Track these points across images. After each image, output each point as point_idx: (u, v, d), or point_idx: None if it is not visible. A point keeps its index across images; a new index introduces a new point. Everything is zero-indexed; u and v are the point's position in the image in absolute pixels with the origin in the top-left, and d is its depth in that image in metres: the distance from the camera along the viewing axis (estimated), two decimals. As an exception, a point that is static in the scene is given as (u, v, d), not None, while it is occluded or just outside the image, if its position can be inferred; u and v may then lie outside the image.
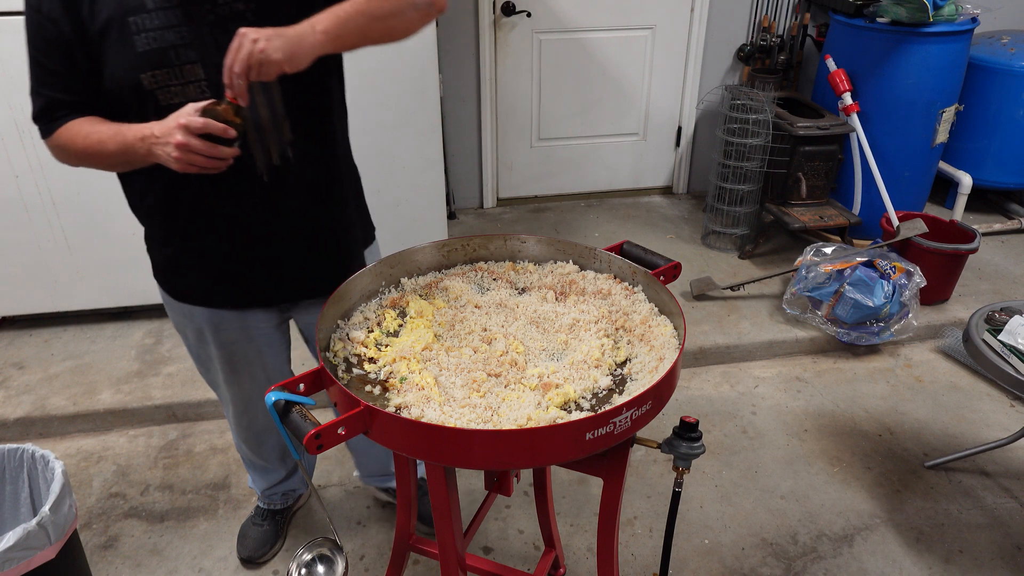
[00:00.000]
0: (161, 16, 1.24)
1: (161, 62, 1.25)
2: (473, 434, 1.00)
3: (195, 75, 1.27)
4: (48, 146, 1.36)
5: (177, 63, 1.26)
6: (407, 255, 1.41)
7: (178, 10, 1.24)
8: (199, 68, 1.27)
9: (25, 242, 2.64)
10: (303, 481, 2.07)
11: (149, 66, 1.25)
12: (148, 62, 1.25)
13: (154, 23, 1.24)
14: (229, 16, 1.26)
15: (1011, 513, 2.17)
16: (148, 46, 1.24)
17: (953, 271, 2.99)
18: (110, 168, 1.38)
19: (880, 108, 3.19)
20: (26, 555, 1.43)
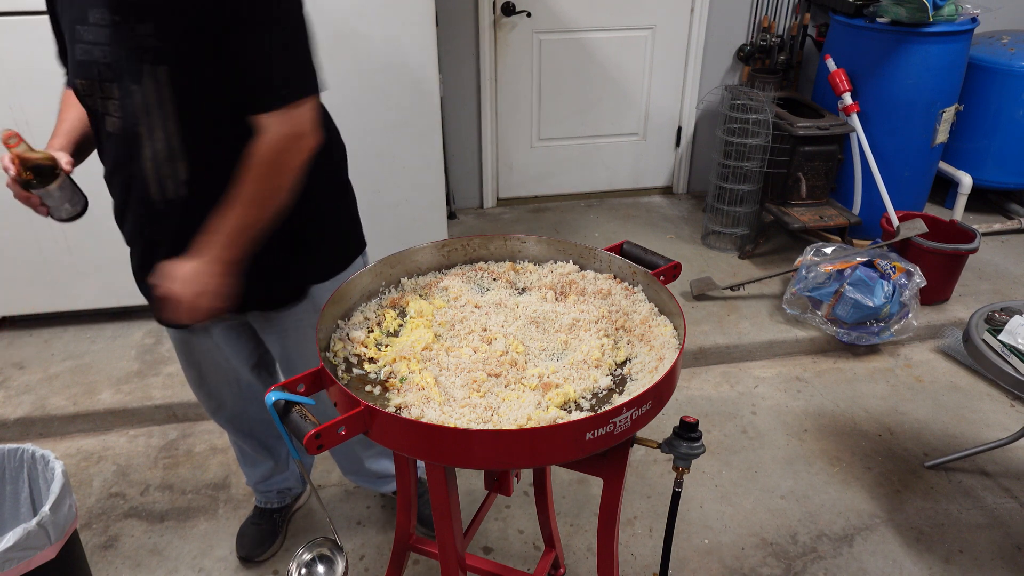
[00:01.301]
0: (94, 32, 1.27)
1: (88, 74, 1.31)
2: (473, 434, 1.00)
3: (112, 93, 1.30)
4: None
5: (99, 79, 1.30)
6: (407, 255, 1.41)
7: (108, 30, 1.26)
8: (115, 88, 1.29)
9: (25, 242, 2.64)
10: (299, 480, 2.07)
11: (81, 74, 1.32)
12: (80, 71, 1.32)
13: (88, 37, 1.28)
14: (142, 48, 1.24)
15: (1011, 513, 2.17)
16: (82, 56, 1.30)
17: (953, 271, 2.99)
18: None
19: (880, 108, 3.19)
20: (26, 555, 1.43)
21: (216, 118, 1.31)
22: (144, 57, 1.24)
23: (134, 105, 1.28)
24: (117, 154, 1.37)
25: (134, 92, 1.27)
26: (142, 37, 1.23)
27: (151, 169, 1.33)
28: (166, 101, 1.26)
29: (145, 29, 1.23)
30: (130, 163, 1.34)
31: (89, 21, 1.27)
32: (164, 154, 1.31)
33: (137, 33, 1.23)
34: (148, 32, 1.23)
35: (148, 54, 1.24)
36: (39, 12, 2.31)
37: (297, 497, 2.13)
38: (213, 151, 1.33)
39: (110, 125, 1.33)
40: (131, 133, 1.31)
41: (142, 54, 1.24)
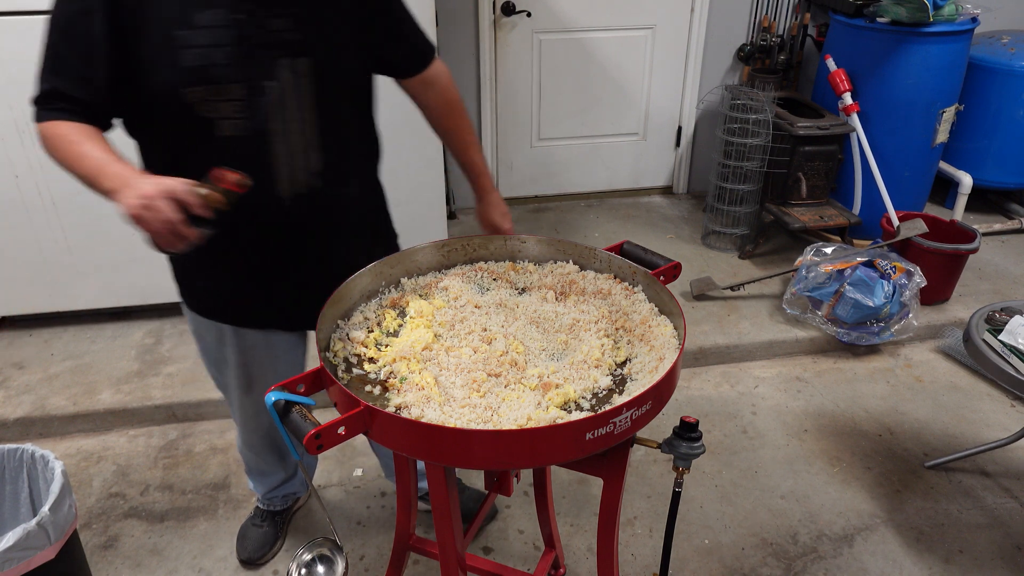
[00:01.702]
0: (210, 34, 1.23)
1: (205, 79, 1.25)
2: (473, 434, 1.00)
3: (235, 94, 1.27)
4: (38, 130, 1.30)
5: (220, 81, 1.25)
6: (407, 255, 1.41)
7: (227, 31, 1.24)
8: (240, 88, 1.27)
9: (25, 242, 2.64)
10: (303, 483, 2.07)
11: (193, 82, 1.24)
12: (193, 78, 1.24)
13: (202, 40, 1.23)
14: (277, 43, 1.27)
15: (1011, 513, 2.17)
16: (194, 62, 1.23)
17: (953, 271, 2.99)
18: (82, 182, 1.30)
19: (880, 108, 3.19)
20: (26, 555, 1.43)
21: (346, 103, 1.39)
22: (280, 51, 1.26)
23: (266, 102, 1.28)
24: (236, 157, 1.28)
25: (268, 89, 1.27)
26: (278, 32, 1.26)
27: (283, 165, 1.33)
28: (305, 93, 1.30)
29: (280, 24, 1.26)
30: (253, 164, 1.31)
31: (197, 24, 1.23)
32: (300, 147, 1.33)
33: (270, 28, 1.25)
34: (285, 26, 1.26)
35: (285, 48, 1.27)
36: (39, 12, 2.32)
37: (298, 499, 2.13)
38: (342, 137, 1.40)
39: (227, 129, 1.28)
40: (259, 131, 1.30)
41: (277, 48, 1.26)
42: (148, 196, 1.10)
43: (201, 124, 1.27)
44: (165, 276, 2.76)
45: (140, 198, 1.10)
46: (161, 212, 1.10)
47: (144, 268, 2.76)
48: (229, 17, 1.23)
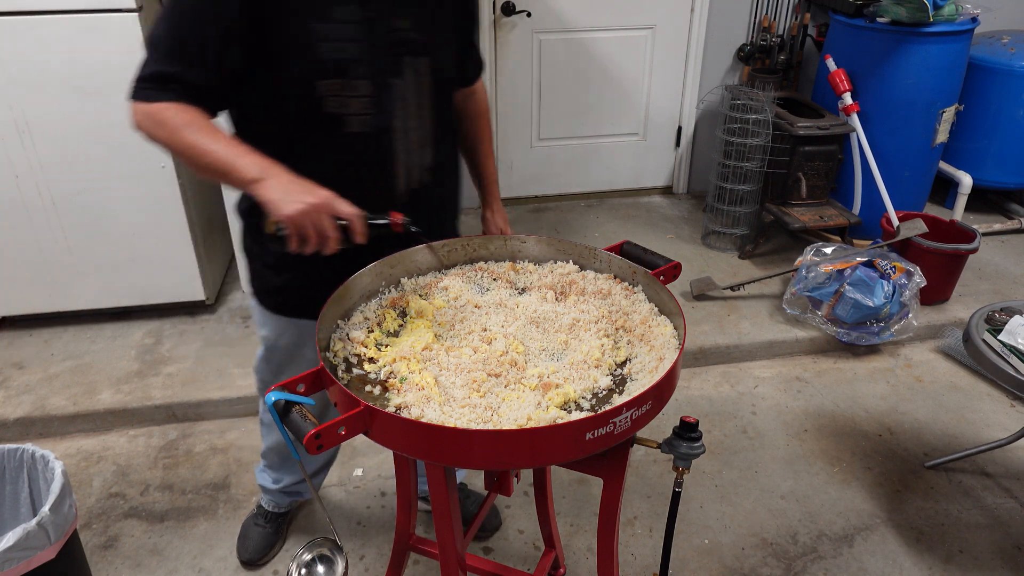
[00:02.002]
0: (345, 29, 1.25)
1: (339, 72, 1.26)
2: (473, 434, 1.00)
3: (363, 90, 1.29)
4: (139, 109, 1.24)
5: (352, 76, 1.27)
6: (407, 255, 1.41)
7: (362, 26, 1.26)
8: (368, 84, 1.29)
9: (25, 242, 2.64)
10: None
11: (328, 74, 1.26)
12: (328, 70, 1.26)
13: (338, 34, 1.25)
14: (401, 41, 1.31)
15: (1011, 513, 2.17)
16: (330, 55, 1.25)
17: (953, 271, 2.99)
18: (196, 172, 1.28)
19: (880, 108, 3.19)
20: (26, 555, 1.43)
21: (450, 102, 1.45)
22: (404, 50, 1.30)
23: (391, 99, 1.31)
24: (357, 153, 1.33)
25: (393, 86, 1.31)
26: (403, 31, 1.30)
27: (402, 162, 1.36)
28: (424, 91, 1.35)
29: (404, 24, 1.30)
30: (373, 160, 1.33)
31: (334, 18, 1.24)
32: (416, 143, 1.37)
33: (396, 27, 1.29)
34: (408, 26, 1.31)
35: (408, 47, 1.31)
36: (39, 12, 2.33)
37: (301, 501, 2.13)
38: (448, 133, 1.47)
39: (355, 125, 1.30)
40: (382, 128, 1.33)
41: (401, 47, 1.30)
42: (316, 207, 1.12)
43: (328, 120, 1.29)
44: (165, 276, 2.79)
45: (308, 205, 1.12)
46: (323, 227, 1.13)
47: (144, 268, 2.76)
48: (360, 14, 1.26)
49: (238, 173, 1.17)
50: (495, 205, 1.65)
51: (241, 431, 2.48)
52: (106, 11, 2.36)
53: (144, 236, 2.70)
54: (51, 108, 2.45)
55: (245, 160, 1.18)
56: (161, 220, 2.68)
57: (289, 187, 1.15)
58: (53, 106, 2.45)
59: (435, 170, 1.43)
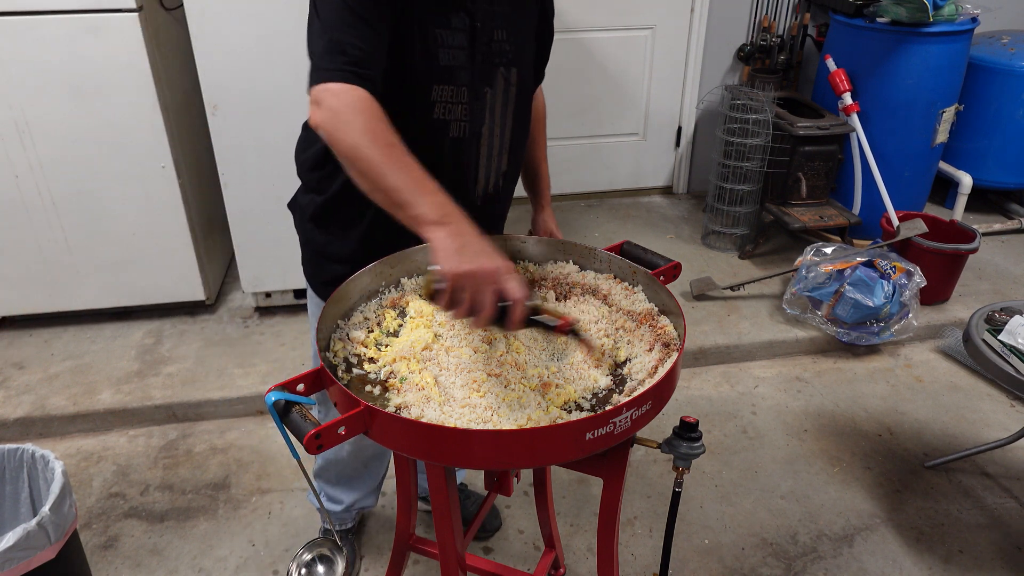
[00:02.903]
0: (457, 37, 1.28)
1: (450, 78, 1.30)
2: (473, 434, 1.00)
3: (463, 97, 1.32)
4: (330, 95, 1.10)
5: (457, 83, 1.31)
6: (407, 255, 1.41)
7: (466, 35, 1.30)
8: (467, 92, 1.32)
9: (25, 242, 2.64)
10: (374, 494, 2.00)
11: (442, 79, 1.29)
12: (443, 76, 1.29)
13: (452, 41, 1.28)
14: (498, 52, 1.35)
15: (1011, 513, 2.17)
16: (447, 61, 1.28)
17: (953, 271, 2.99)
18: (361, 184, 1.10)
19: (880, 108, 3.19)
20: (26, 555, 1.43)
21: (529, 111, 1.49)
22: (499, 60, 1.35)
23: (483, 107, 1.35)
24: (452, 159, 1.35)
25: (486, 95, 1.35)
26: (499, 43, 1.34)
27: (484, 167, 1.40)
28: (510, 101, 1.39)
29: (501, 35, 1.34)
30: (462, 166, 1.37)
31: (452, 26, 1.27)
32: (497, 150, 1.40)
33: (493, 38, 1.33)
34: (504, 38, 1.35)
35: (503, 57, 1.35)
36: (39, 12, 2.33)
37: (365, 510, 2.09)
38: (521, 142, 1.50)
39: (454, 130, 1.33)
40: (474, 134, 1.36)
41: (497, 57, 1.34)
42: (486, 276, 0.99)
43: (436, 124, 1.31)
44: (165, 276, 2.79)
45: (479, 270, 0.99)
46: (482, 299, 0.99)
47: (144, 268, 2.76)
48: (468, 22, 1.29)
49: (414, 210, 1.04)
50: (548, 209, 1.65)
51: (241, 431, 2.48)
52: (106, 11, 2.36)
53: (144, 236, 2.70)
54: (51, 108, 2.45)
55: (428, 199, 1.04)
56: (161, 220, 2.68)
57: (467, 242, 1.02)
58: (53, 106, 2.45)
59: (507, 176, 1.47)
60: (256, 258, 2.76)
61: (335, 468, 1.87)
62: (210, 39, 2.38)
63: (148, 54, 2.43)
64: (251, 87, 2.45)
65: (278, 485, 2.26)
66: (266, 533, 2.10)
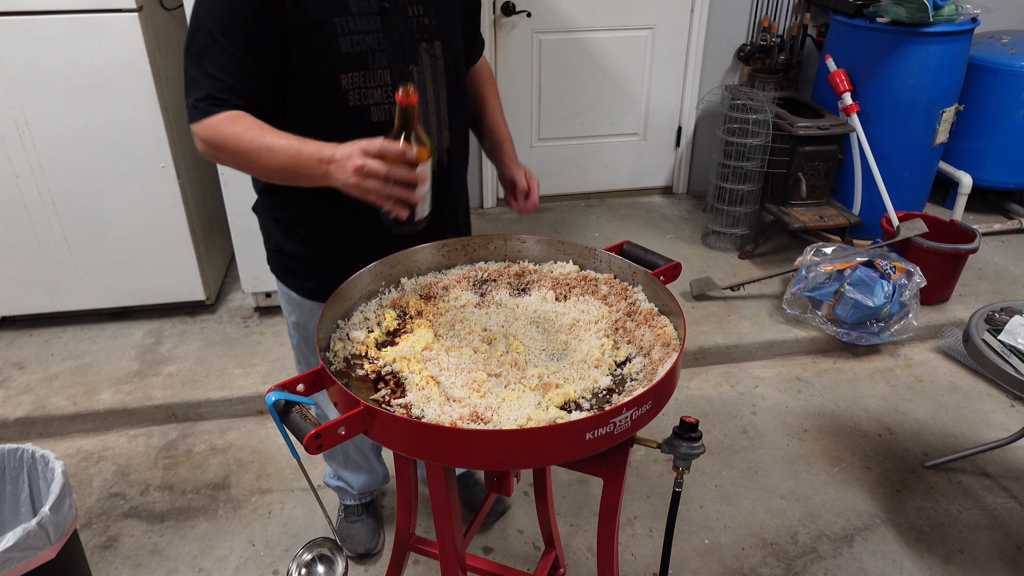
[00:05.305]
0: (362, 21, 1.29)
1: (360, 64, 1.30)
2: (473, 434, 1.00)
3: (383, 80, 1.33)
4: (198, 131, 1.28)
5: (372, 67, 1.31)
6: (407, 255, 1.41)
7: (376, 17, 1.31)
8: (387, 73, 1.33)
9: (25, 242, 2.64)
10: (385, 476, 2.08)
11: (349, 67, 1.30)
12: (349, 63, 1.29)
13: (357, 27, 1.29)
14: (416, 28, 1.35)
15: (1011, 513, 2.17)
16: (351, 48, 1.29)
17: (953, 271, 2.99)
18: (263, 176, 1.32)
19: (880, 108, 3.19)
20: (26, 555, 1.43)
21: (463, 83, 1.48)
22: (419, 36, 1.35)
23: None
24: None
25: (412, 72, 1.35)
26: (416, 18, 1.35)
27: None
28: (440, 75, 1.39)
29: (416, 10, 1.35)
30: None
31: (352, 11, 1.28)
32: (435, 127, 1.40)
33: (408, 15, 1.34)
34: (420, 12, 1.35)
35: (423, 32, 1.36)
36: (39, 12, 2.33)
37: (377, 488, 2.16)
38: (461, 115, 1.49)
39: (377, 115, 1.34)
40: None
41: (416, 34, 1.35)
42: (357, 168, 1.12)
43: (353, 112, 1.32)
44: (165, 276, 2.79)
45: (353, 171, 1.12)
46: (370, 169, 1.12)
47: (144, 268, 2.76)
48: (376, 4, 1.30)
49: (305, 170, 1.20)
50: (513, 159, 1.59)
51: (241, 431, 2.48)
52: (106, 11, 2.36)
53: (144, 236, 2.70)
54: (51, 108, 2.45)
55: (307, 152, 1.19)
56: (161, 220, 2.68)
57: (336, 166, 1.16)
58: (53, 106, 2.45)
59: (452, 152, 1.47)
60: (256, 258, 2.76)
61: (341, 452, 1.94)
62: (210, 39, 2.38)
63: (148, 54, 2.44)
64: (251, 87, 2.45)
65: (278, 485, 2.26)
66: (266, 533, 2.10)
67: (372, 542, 2.02)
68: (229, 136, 1.24)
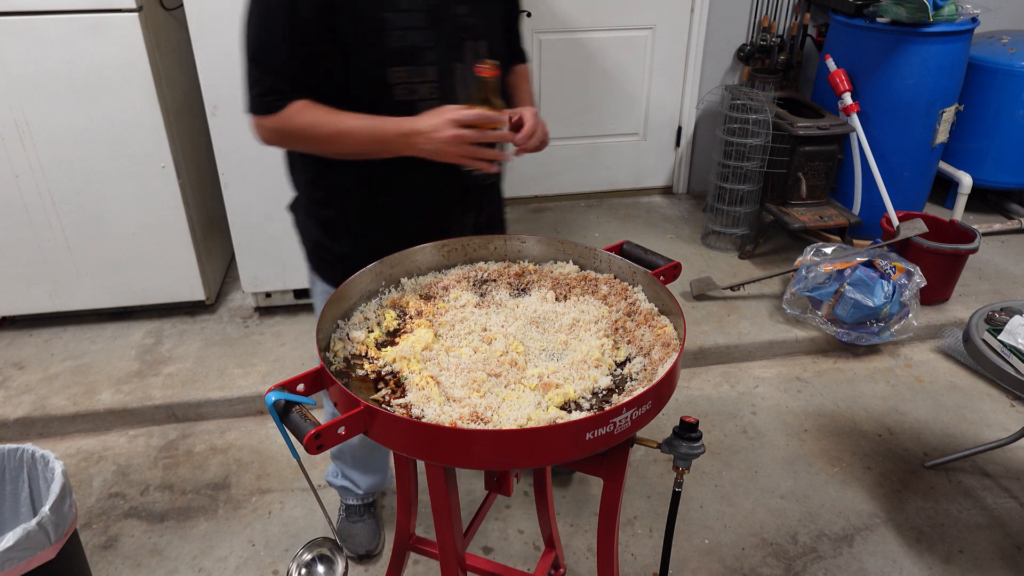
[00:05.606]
0: (410, 17, 1.34)
1: (407, 59, 1.35)
2: (473, 434, 1.00)
3: (429, 76, 1.38)
4: (265, 123, 1.36)
5: (419, 63, 1.36)
6: (407, 255, 1.41)
7: (423, 14, 1.35)
8: (433, 70, 1.38)
9: (25, 242, 2.64)
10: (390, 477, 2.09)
11: (397, 62, 1.35)
12: (397, 58, 1.35)
13: (404, 23, 1.33)
14: (462, 27, 1.40)
15: (1011, 513, 2.17)
16: (399, 43, 1.34)
17: (953, 271, 2.99)
18: (341, 155, 1.40)
19: (880, 108, 3.19)
20: (26, 555, 1.43)
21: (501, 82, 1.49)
22: (464, 34, 1.40)
23: (453, 82, 1.40)
24: None
25: (455, 69, 1.40)
26: (460, 17, 1.39)
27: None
28: None
29: (463, 9, 1.39)
30: None
31: (401, 7, 1.33)
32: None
33: (455, 13, 1.38)
34: (467, 12, 1.40)
35: (468, 31, 1.41)
36: (39, 12, 2.33)
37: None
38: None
39: (423, 109, 1.36)
40: None
41: (462, 32, 1.40)
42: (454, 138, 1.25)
43: (399, 106, 1.36)
44: (165, 276, 2.79)
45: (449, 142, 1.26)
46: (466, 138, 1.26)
47: (144, 268, 2.76)
48: (424, 1, 1.34)
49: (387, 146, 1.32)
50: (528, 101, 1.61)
51: (241, 431, 2.48)
52: (106, 11, 2.36)
53: (144, 236, 2.70)
54: (51, 108, 2.45)
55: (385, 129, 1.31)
56: (161, 220, 2.68)
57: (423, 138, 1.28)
58: (53, 106, 2.45)
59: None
60: (256, 258, 2.76)
61: (350, 451, 1.95)
62: (210, 39, 2.38)
63: (148, 54, 2.44)
64: (251, 87, 2.45)
65: (278, 485, 2.26)
66: (266, 533, 2.10)
67: (373, 543, 2.02)
68: (304, 126, 1.34)
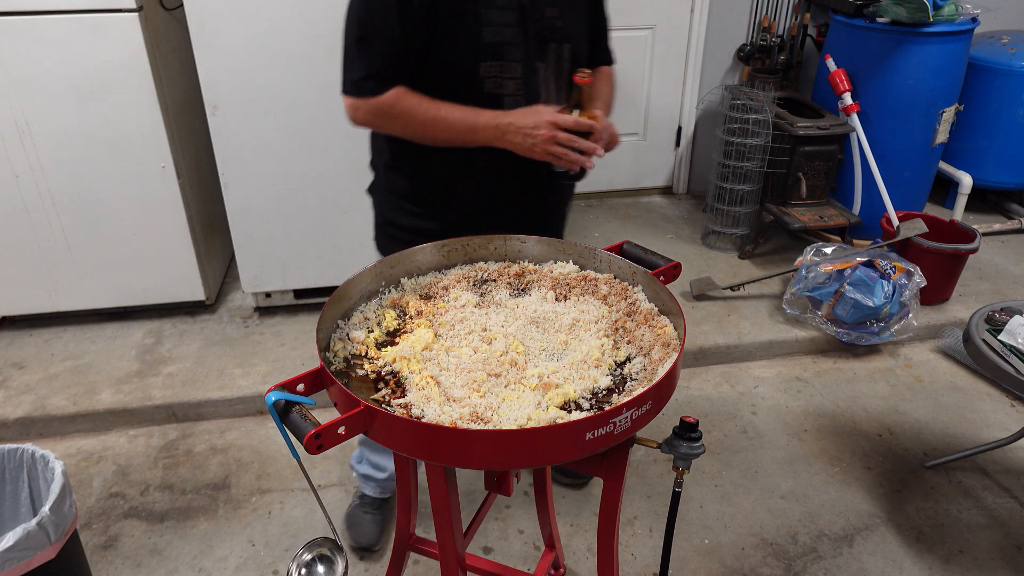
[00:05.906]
0: (503, 14, 1.40)
1: (498, 55, 1.41)
2: (473, 434, 1.00)
3: (515, 72, 1.43)
4: (363, 106, 1.42)
5: (507, 59, 1.42)
6: (407, 255, 1.41)
7: (515, 13, 1.41)
8: (520, 67, 1.43)
9: (25, 242, 2.64)
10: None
11: (489, 56, 1.40)
12: (489, 53, 1.40)
13: (498, 19, 1.40)
14: (550, 28, 1.45)
15: (1011, 513, 2.17)
16: (492, 38, 1.39)
17: (953, 271, 2.99)
18: (431, 141, 1.45)
19: (880, 108, 3.19)
20: (26, 555, 1.43)
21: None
22: (551, 36, 1.45)
23: (536, 81, 1.46)
24: None
25: (539, 69, 1.45)
26: (549, 19, 1.45)
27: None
28: (563, 74, 1.47)
29: (551, 12, 1.45)
30: None
31: (496, 4, 1.39)
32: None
33: (545, 15, 1.44)
34: (554, 15, 1.45)
35: (555, 34, 1.46)
36: (39, 12, 2.33)
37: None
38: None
39: (509, 104, 1.44)
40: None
41: (549, 34, 1.45)
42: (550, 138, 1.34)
43: (487, 99, 1.42)
44: (165, 276, 2.79)
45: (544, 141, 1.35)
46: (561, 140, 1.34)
47: (144, 268, 2.76)
48: (517, 1, 1.40)
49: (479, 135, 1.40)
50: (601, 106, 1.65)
51: (241, 431, 2.48)
52: (106, 11, 2.36)
53: (144, 236, 2.70)
54: (51, 108, 2.45)
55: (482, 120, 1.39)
56: (161, 220, 2.68)
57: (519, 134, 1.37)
58: (53, 106, 2.45)
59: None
60: (256, 258, 2.76)
61: None
62: (210, 39, 2.38)
63: (148, 54, 2.44)
64: (251, 87, 2.45)
65: (278, 485, 2.26)
66: (266, 533, 2.10)
67: (376, 539, 2.02)
68: (403, 111, 1.40)
